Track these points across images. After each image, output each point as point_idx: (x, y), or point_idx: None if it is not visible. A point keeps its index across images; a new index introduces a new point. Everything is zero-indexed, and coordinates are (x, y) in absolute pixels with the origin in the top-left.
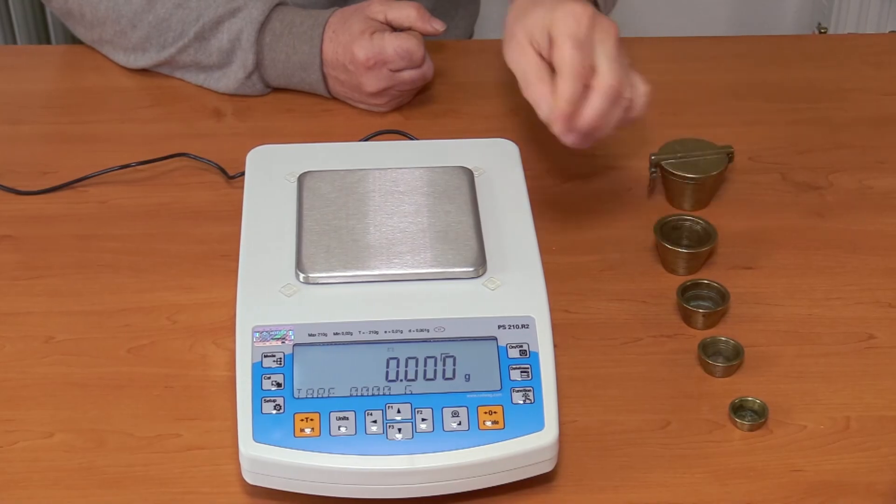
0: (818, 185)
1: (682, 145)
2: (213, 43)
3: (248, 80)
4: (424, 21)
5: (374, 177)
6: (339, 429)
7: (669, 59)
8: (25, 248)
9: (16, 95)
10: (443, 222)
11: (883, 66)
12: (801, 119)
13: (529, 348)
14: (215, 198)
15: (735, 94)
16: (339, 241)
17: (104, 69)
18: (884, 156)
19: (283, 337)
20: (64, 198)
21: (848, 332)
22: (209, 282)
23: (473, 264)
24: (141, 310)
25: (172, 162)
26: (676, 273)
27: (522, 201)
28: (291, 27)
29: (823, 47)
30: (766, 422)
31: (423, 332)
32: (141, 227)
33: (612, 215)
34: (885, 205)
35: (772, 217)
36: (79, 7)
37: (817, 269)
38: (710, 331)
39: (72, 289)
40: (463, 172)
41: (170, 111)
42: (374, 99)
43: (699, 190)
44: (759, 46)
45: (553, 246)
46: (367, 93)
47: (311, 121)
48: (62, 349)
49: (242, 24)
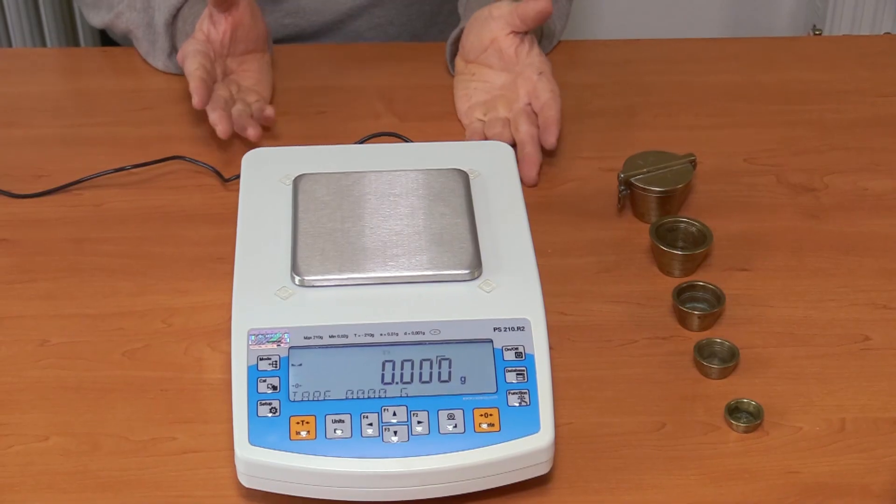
0: (813, 186)
1: (644, 159)
2: (143, 17)
3: (170, 60)
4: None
5: (369, 179)
6: (334, 431)
7: (664, 61)
8: (20, 251)
9: (10, 98)
10: (438, 225)
11: (878, 67)
12: (796, 121)
13: (525, 351)
14: (210, 201)
15: (729, 96)
16: (334, 244)
17: (99, 72)
18: (879, 157)
19: (279, 340)
20: (58, 201)
21: (843, 334)
22: (204, 285)
23: (469, 267)
24: (135, 313)
25: (167, 165)
26: (672, 275)
27: (518, 204)
28: (195, 18)
29: (818, 49)
30: (762, 423)
31: (418, 335)
32: (136, 231)
33: (608, 217)
34: (879, 206)
35: (767, 219)
36: None
37: (812, 271)
38: (705, 332)
39: (66, 292)
40: (458, 175)
41: (165, 114)
42: None
43: (668, 202)
44: (753, 48)
45: (548, 248)
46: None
47: (306, 123)
48: (56, 352)
49: (161, 5)
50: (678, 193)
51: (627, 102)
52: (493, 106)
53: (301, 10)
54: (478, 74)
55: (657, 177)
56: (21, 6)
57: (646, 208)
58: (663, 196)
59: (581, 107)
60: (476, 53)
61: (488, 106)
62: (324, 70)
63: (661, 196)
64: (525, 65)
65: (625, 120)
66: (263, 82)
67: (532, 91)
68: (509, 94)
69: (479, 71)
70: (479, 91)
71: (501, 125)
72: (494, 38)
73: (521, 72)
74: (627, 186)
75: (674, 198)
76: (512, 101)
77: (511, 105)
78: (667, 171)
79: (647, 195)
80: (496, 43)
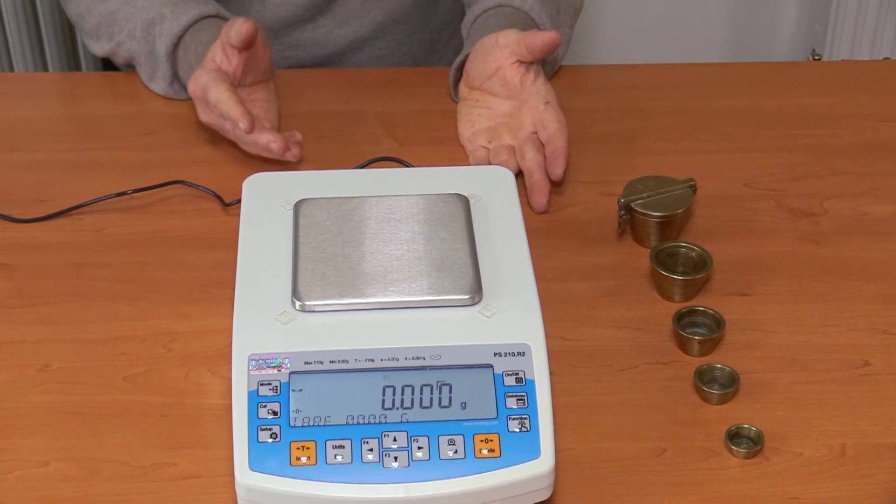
0: (813, 211)
1: (644, 184)
2: (143, 46)
3: (170, 87)
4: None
5: (369, 204)
6: (335, 457)
7: (664, 86)
8: (20, 276)
9: (12, 123)
10: (439, 250)
11: (877, 92)
12: (796, 146)
13: (525, 376)
14: (211, 225)
15: (729, 121)
16: (335, 269)
17: (100, 97)
18: (878, 182)
19: (279, 365)
20: (59, 225)
21: (843, 359)
22: (205, 309)
23: (469, 292)
24: (136, 338)
25: (168, 189)
26: (672, 300)
27: (518, 229)
28: (197, 44)
29: (818, 74)
30: (762, 449)
31: (419, 360)
32: (136, 255)
33: (608, 242)
34: (879, 231)
35: (767, 243)
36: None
37: (812, 296)
38: (705, 358)
39: (67, 317)
40: (459, 200)
41: (166, 138)
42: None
43: (668, 227)
44: (753, 73)
45: (549, 273)
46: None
47: (307, 148)
48: (57, 377)
49: (162, 33)
50: (678, 218)
51: (628, 127)
52: (498, 133)
53: (302, 43)
54: (482, 101)
55: (657, 201)
56: (23, 31)
57: (646, 233)
58: (663, 221)
59: (582, 131)
60: (481, 80)
61: (492, 133)
62: (325, 95)
63: (661, 221)
64: (531, 93)
65: (625, 144)
66: (271, 110)
67: (538, 120)
68: (514, 122)
69: (483, 98)
70: (482, 118)
71: (507, 153)
72: (500, 65)
73: (526, 100)
74: (628, 211)
75: (674, 222)
76: (516, 129)
77: (516, 133)
78: (667, 195)
79: (648, 220)
80: (501, 71)
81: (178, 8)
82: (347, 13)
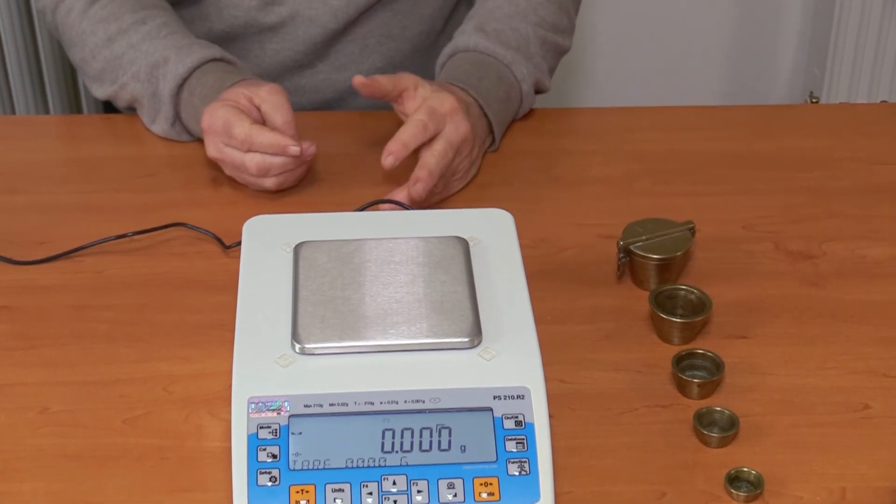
0: (811, 254)
1: (643, 226)
2: (147, 88)
3: (172, 128)
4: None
5: (369, 247)
6: (334, 501)
7: (663, 129)
8: (21, 318)
9: (14, 165)
10: (438, 292)
11: (874, 135)
12: (794, 188)
13: (525, 419)
14: (212, 267)
15: (728, 163)
16: (334, 312)
17: (101, 139)
18: (877, 225)
19: (279, 408)
20: (60, 268)
21: (843, 402)
22: (205, 352)
23: (468, 335)
24: (136, 380)
25: (169, 231)
26: (671, 342)
27: (517, 271)
28: (202, 87)
29: (815, 117)
30: (762, 493)
31: (418, 403)
32: (137, 297)
33: (607, 284)
34: (878, 274)
35: (766, 286)
36: (62, 26)
37: (811, 339)
38: (705, 401)
39: (67, 359)
40: (458, 242)
41: (166, 180)
42: (227, 169)
43: (667, 269)
44: (751, 116)
45: (548, 315)
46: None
47: (307, 190)
48: (57, 420)
49: (166, 75)
50: (677, 261)
51: (626, 169)
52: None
53: (301, 88)
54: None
55: (656, 244)
56: (25, 74)
57: (645, 275)
58: (662, 263)
59: (580, 174)
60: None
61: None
62: (324, 138)
63: (660, 263)
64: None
65: (624, 187)
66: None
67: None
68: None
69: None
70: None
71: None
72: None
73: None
74: (627, 254)
75: (673, 265)
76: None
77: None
78: (666, 238)
79: (647, 262)
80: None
81: (183, 51)
82: (346, 59)
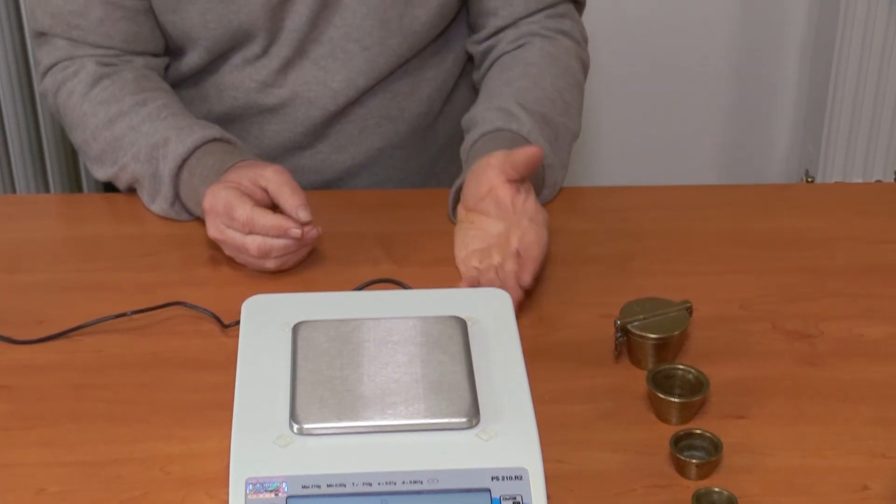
0: (809, 333)
1: (640, 306)
2: (147, 168)
3: (172, 208)
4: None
5: (367, 327)
6: None
7: (659, 208)
8: (19, 397)
9: (14, 244)
10: (436, 372)
11: (870, 214)
12: (791, 267)
13: (523, 500)
14: (210, 346)
15: (724, 243)
16: (333, 392)
17: (101, 218)
18: (873, 304)
19: (277, 489)
20: (59, 347)
21: (842, 483)
22: (203, 432)
23: (466, 415)
24: (134, 460)
25: (168, 311)
26: (669, 422)
27: (515, 351)
28: (203, 167)
29: (811, 196)
30: None
31: (416, 484)
32: (135, 377)
33: (605, 364)
34: (875, 353)
35: (763, 365)
36: (63, 108)
37: (810, 418)
38: (703, 481)
39: (65, 439)
40: (456, 322)
41: (165, 259)
42: (227, 250)
43: (664, 349)
44: (747, 195)
45: (546, 395)
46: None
47: (305, 270)
48: (54, 501)
49: (166, 155)
50: (675, 340)
51: (624, 249)
52: (489, 254)
53: (300, 169)
54: (476, 223)
55: (653, 323)
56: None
57: (642, 355)
58: (660, 343)
59: (578, 253)
60: (475, 201)
61: (484, 254)
62: (323, 216)
63: (657, 343)
64: (520, 214)
65: (621, 266)
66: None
67: (521, 237)
68: (503, 241)
69: (477, 219)
70: (476, 239)
71: (495, 272)
72: (492, 186)
73: (516, 221)
74: (624, 333)
75: (670, 344)
76: (505, 247)
77: (504, 252)
78: (663, 317)
79: (644, 342)
80: (494, 192)
81: (183, 132)
82: (345, 140)
